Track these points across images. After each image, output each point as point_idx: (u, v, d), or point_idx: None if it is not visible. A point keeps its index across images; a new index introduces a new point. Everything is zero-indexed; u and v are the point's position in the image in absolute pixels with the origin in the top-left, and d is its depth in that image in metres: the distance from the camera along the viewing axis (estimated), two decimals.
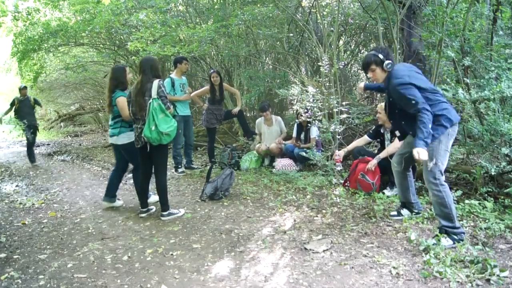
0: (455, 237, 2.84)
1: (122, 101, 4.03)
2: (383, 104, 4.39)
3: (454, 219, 2.88)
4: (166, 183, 3.95)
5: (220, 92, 6.24)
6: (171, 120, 3.65)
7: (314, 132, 5.66)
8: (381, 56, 3.03)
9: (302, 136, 5.86)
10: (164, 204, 3.94)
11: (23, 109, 7.81)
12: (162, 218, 3.93)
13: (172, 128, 3.64)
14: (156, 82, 3.67)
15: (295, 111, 6.38)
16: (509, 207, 3.45)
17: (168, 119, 3.62)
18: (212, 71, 6.30)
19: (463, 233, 2.91)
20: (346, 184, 4.54)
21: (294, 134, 5.99)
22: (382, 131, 4.63)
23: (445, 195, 2.87)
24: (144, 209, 4.11)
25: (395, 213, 3.53)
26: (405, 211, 3.48)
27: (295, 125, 6.04)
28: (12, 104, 7.91)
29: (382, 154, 4.31)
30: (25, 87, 8.09)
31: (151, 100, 3.61)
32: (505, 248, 2.80)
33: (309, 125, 5.68)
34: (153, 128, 3.55)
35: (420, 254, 2.75)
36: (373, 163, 4.31)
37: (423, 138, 2.75)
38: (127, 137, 4.13)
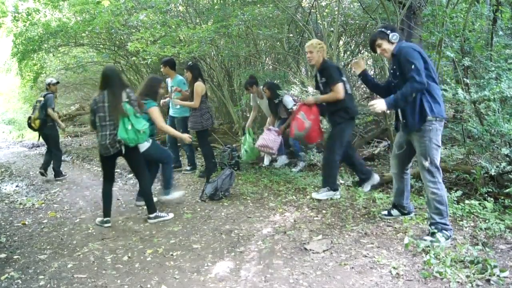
0: (447, 233, 2.91)
1: None
2: (313, 41, 4.24)
3: (447, 216, 2.99)
4: (150, 186, 4.03)
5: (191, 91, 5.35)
6: (143, 120, 3.72)
7: (289, 102, 5.39)
8: (385, 30, 3.06)
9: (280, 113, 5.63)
10: (150, 206, 3.92)
11: None
12: (149, 221, 3.89)
13: (146, 127, 3.71)
14: (126, 89, 3.74)
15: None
16: (509, 207, 3.45)
17: (140, 119, 3.68)
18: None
19: (451, 229, 2.99)
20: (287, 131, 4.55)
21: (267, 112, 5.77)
22: (314, 73, 4.44)
23: (443, 193, 2.97)
24: (106, 219, 3.91)
25: (386, 212, 3.56)
26: (395, 212, 3.50)
27: (266, 101, 5.82)
28: None
29: (320, 97, 4.26)
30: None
31: (122, 104, 3.64)
32: (505, 248, 2.80)
33: (279, 97, 5.41)
34: (129, 127, 3.60)
35: (420, 254, 2.75)
36: (310, 99, 4.39)
37: (394, 99, 2.92)
38: None
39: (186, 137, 4.48)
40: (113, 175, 4.03)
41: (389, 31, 3.06)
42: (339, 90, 3.97)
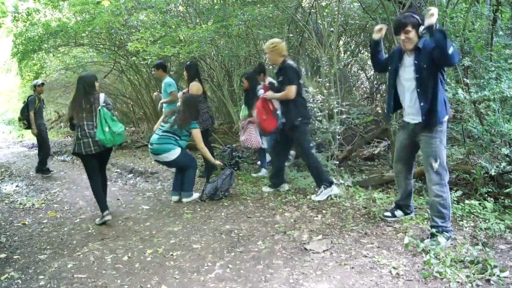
0: (447, 234, 2.91)
1: None
2: (268, 43, 4.34)
3: (449, 219, 2.98)
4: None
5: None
6: (119, 123, 3.98)
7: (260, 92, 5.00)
8: (418, 18, 2.87)
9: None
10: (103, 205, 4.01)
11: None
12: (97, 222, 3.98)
13: (122, 129, 3.95)
14: (102, 94, 4.03)
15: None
16: (509, 207, 3.45)
17: (116, 122, 3.95)
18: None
19: (452, 231, 2.99)
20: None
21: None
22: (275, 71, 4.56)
23: (448, 196, 2.95)
24: (105, 212, 3.97)
25: (389, 214, 3.51)
26: (399, 212, 3.48)
27: (244, 96, 5.66)
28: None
29: (274, 95, 4.40)
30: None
31: (100, 108, 3.88)
32: (505, 248, 2.80)
33: (259, 87, 5.15)
34: (107, 129, 3.85)
35: (420, 254, 2.75)
36: (267, 94, 4.50)
37: (444, 33, 2.71)
38: None
39: (219, 163, 4.79)
40: (98, 171, 4.07)
41: (420, 21, 2.86)
42: (292, 90, 4.12)
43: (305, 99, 4.44)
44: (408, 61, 3.02)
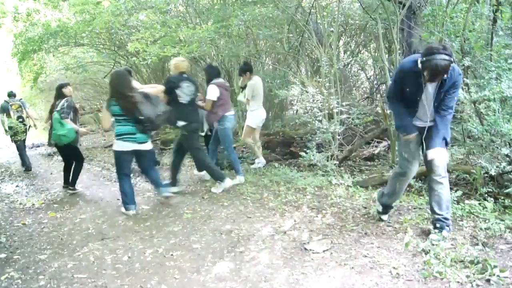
0: (448, 221, 2.99)
1: None
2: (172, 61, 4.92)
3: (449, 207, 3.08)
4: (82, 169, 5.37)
5: None
6: (66, 127, 4.81)
7: (208, 93, 4.98)
8: (451, 58, 2.71)
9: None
10: (73, 181, 5.31)
11: None
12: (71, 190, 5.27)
13: (65, 132, 4.80)
14: (63, 100, 4.97)
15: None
16: (509, 207, 3.45)
17: (62, 127, 4.80)
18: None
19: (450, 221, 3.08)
20: None
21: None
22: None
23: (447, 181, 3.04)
24: (72, 187, 5.30)
25: (386, 217, 3.45)
26: (390, 211, 3.48)
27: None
28: None
29: None
30: None
31: (54, 112, 4.90)
32: (505, 248, 2.80)
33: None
34: (53, 132, 4.89)
35: (420, 254, 2.75)
36: None
37: (447, 136, 2.92)
38: None
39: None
40: (69, 158, 5.29)
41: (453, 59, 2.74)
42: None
43: (181, 103, 4.64)
44: (431, 88, 2.93)
